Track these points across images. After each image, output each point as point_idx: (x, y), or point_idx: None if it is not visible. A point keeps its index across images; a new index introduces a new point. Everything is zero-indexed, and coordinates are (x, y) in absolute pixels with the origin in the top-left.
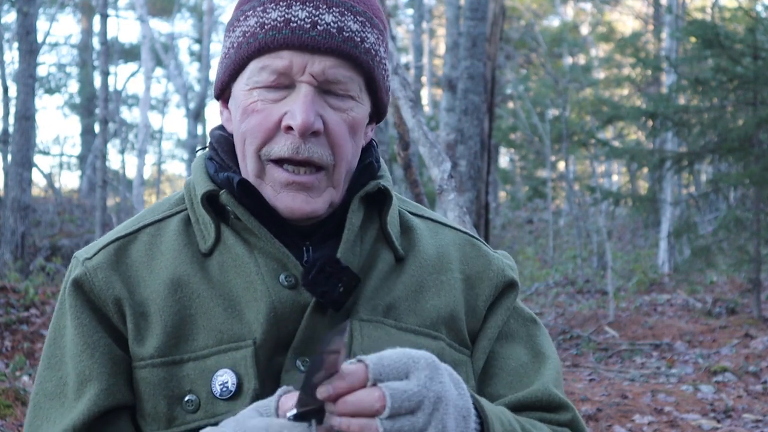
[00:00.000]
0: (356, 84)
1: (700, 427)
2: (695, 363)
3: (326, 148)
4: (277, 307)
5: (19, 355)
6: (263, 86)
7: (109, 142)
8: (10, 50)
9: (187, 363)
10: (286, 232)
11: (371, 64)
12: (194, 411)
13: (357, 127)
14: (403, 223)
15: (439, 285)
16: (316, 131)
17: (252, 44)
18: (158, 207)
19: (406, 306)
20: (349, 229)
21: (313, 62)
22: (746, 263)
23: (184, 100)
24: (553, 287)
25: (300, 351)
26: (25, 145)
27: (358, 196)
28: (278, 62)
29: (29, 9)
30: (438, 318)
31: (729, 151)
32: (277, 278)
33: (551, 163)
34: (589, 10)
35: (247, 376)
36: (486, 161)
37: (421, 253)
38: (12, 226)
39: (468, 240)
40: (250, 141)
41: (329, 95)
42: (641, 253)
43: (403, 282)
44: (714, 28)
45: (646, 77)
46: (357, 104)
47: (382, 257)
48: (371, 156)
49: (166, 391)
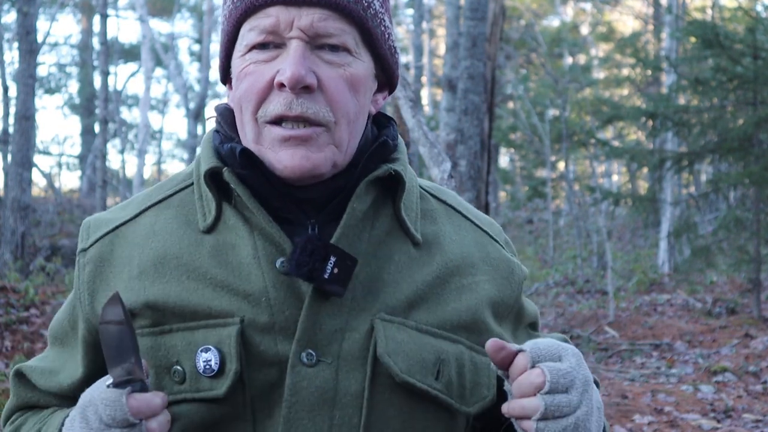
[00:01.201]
0: (350, 36)
1: (700, 427)
2: (695, 363)
3: (323, 104)
4: (270, 291)
5: (19, 355)
6: (253, 47)
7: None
8: (10, 50)
9: (175, 333)
10: (291, 209)
11: (363, 14)
12: (181, 382)
13: (357, 83)
14: (425, 209)
15: (461, 288)
16: (308, 86)
17: (239, 7)
18: (168, 183)
19: (426, 305)
20: (349, 214)
21: (300, 16)
22: (746, 263)
23: (184, 100)
24: (553, 287)
25: (304, 343)
26: (25, 145)
27: (366, 180)
28: (265, 21)
29: (29, 9)
30: (459, 323)
31: (729, 151)
32: (274, 263)
33: (551, 163)
34: (589, 10)
35: (230, 356)
36: (486, 161)
37: (445, 252)
38: (12, 226)
39: (489, 240)
40: (246, 105)
41: (322, 50)
42: (641, 253)
43: (424, 278)
44: (714, 28)
45: (646, 77)
46: (354, 59)
47: (398, 247)
48: (387, 134)
49: (155, 360)
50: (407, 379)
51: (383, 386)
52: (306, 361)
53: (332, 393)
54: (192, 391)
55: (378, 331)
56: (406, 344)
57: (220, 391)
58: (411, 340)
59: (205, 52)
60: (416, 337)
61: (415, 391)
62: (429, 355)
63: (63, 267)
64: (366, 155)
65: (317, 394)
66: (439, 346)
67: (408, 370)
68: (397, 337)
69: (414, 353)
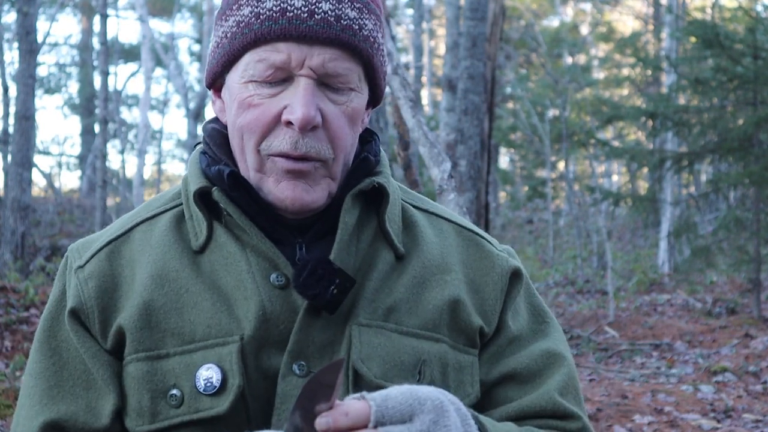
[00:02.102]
0: (356, 74)
1: (700, 427)
2: (695, 363)
3: (325, 142)
4: (266, 306)
5: (19, 355)
6: (260, 80)
7: (109, 142)
8: (10, 50)
9: (173, 357)
10: (278, 229)
11: (370, 51)
12: (178, 406)
13: (356, 117)
14: (406, 218)
15: (443, 284)
16: (315, 126)
17: (247, 35)
18: (154, 202)
19: (407, 307)
20: (342, 229)
21: (311, 55)
22: (746, 263)
23: (184, 100)
24: (553, 287)
25: (295, 355)
26: (25, 145)
27: (351, 194)
28: (276, 56)
29: (29, 9)
30: (440, 318)
31: (729, 151)
32: (268, 278)
33: (551, 163)
34: (588, 10)
35: (232, 372)
36: (486, 161)
37: (424, 252)
38: (12, 226)
39: (471, 239)
40: (248, 137)
41: (328, 89)
42: (641, 253)
43: (404, 282)
44: (714, 28)
45: (646, 77)
46: (356, 94)
47: (381, 257)
48: (369, 150)
49: (150, 385)
50: (382, 384)
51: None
52: (298, 372)
53: None
54: (191, 413)
55: (354, 337)
56: (382, 348)
57: (222, 408)
58: (389, 343)
59: (205, 52)
60: (396, 340)
61: None
62: (408, 357)
63: None
64: (348, 173)
65: None
66: (420, 347)
67: (383, 375)
68: (372, 342)
69: (391, 356)
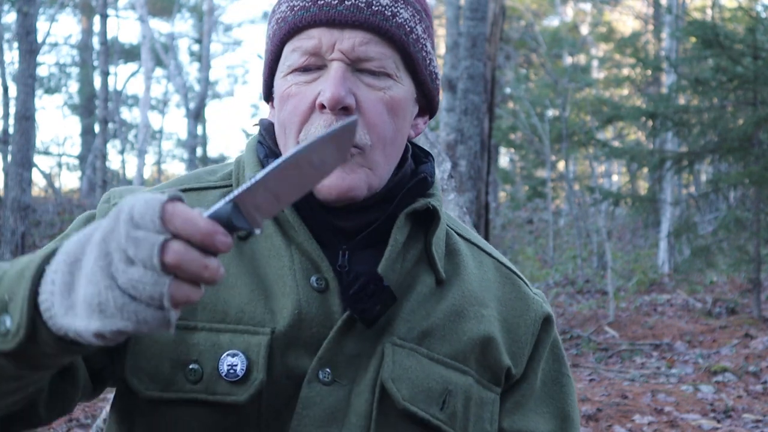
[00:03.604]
0: (391, 61)
1: (700, 427)
2: (695, 363)
3: (361, 126)
4: (303, 307)
5: None
6: (295, 69)
7: (109, 142)
8: (10, 50)
9: (200, 332)
10: (325, 232)
11: (405, 39)
12: (195, 382)
13: (397, 107)
14: (449, 245)
15: (479, 318)
16: (347, 107)
17: (283, 28)
18: (204, 175)
19: (441, 334)
20: (392, 246)
21: (342, 39)
22: (746, 263)
23: (184, 100)
24: (553, 287)
25: (324, 362)
26: (25, 145)
27: (404, 212)
28: (308, 42)
29: (29, 9)
30: (471, 351)
31: (729, 151)
32: (308, 279)
33: (551, 163)
34: (588, 10)
35: (258, 365)
36: (486, 161)
37: (465, 282)
38: (12, 226)
39: (508, 277)
40: (290, 128)
41: (363, 74)
42: (641, 253)
43: (442, 308)
44: (714, 28)
45: (646, 77)
46: (395, 83)
47: (422, 279)
48: (426, 170)
49: (173, 355)
50: (408, 407)
51: (389, 410)
52: (322, 378)
53: (342, 414)
54: (206, 393)
55: (386, 355)
56: (413, 371)
57: (240, 398)
58: (420, 368)
59: (205, 52)
60: (426, 365)
61: (417, 420)
62: (436, 384)
63: None
64: (405, 190)
65: (328, 411)
66: (448, 377)
67: (411, 398)
68: (404, 363)
69: (420, 381)
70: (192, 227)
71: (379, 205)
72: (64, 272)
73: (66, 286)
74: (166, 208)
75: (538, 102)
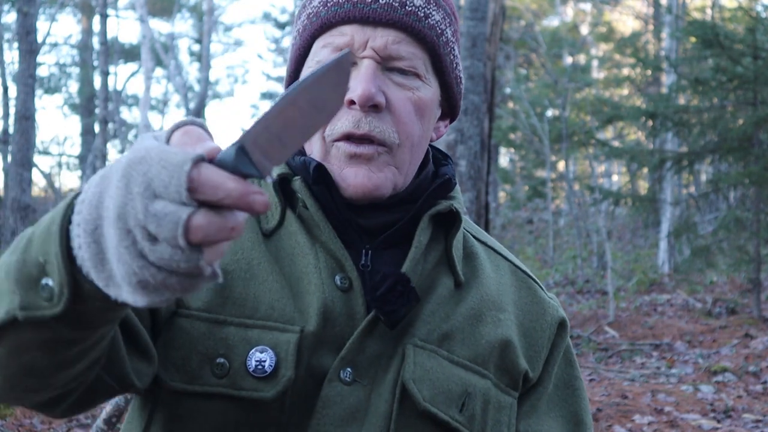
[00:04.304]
0: (421, 61)
1: (700, 427)
2: (695, 363)
3: (389, 125)
4: (327, 305)
5: None
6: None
7: (109, 142)
8: (10, 50)
9: (228, 326)
10: (348, 230)
11: (435, 41)
12: (221, 376)
13: (424, 108)
14: (467, 248)
15: (497, 322)
16: (377, 104)
17: (315, 23)
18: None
19: (461, 337)
20: (416, 247)
21: (374, 37)
22: (746, 263)
23: (184, 100)
24: (553, 287)
25: (346, 362)
26: (25, 145)
27: (428, 214)
28: (340, 39)
29: (29, 9)
30: (490, 355)
31: (729, 151)
32: (333, 277)
33: (551, 163)
34: (588, 10)
35: (286, 362)
36: (486, 161)
37: (483, 285)
38: (12, 226)
39: (524, 281)
40: None
41: (393, 73)
42: (641, 253)
43: (461, 311)
44: (714, 28)
45: (646, 77)
46: (423, 84)
47: (442, 281)
48: (447, 172)
49: (202, 348)
50: (429, 408)
51: (409, 411)
52: (344, 378)
53: (363, 414)
54: (231, 388)
55: (408, 356)
56: (434, 372)
57: (267, 394)
58: (440, 369)
59: (205, 52)
60: (447, 367)
61: (438, 421)
62: (456, 386)
63: None
64: (429, 191)
65: (348, 411)
66: (468, 380)
67: (432, 399)
68: (426, 365)
69: (441, 382)
70: (223, 192)
71: (402, 205)
72: (88, 243)
73: (95, 257)
74: (192, 177)
75: (538, 102)
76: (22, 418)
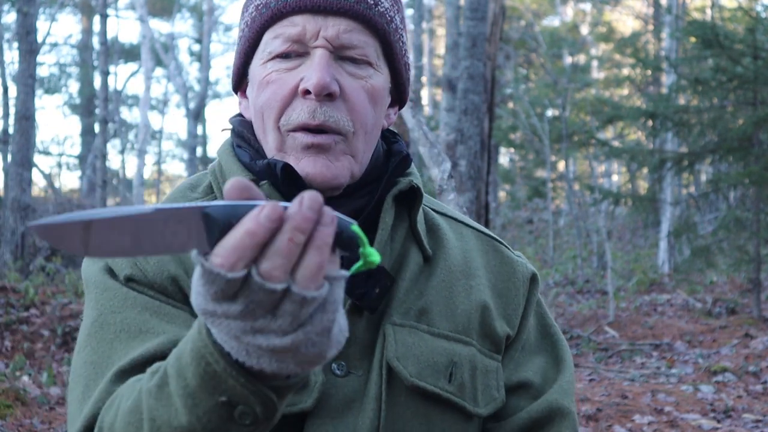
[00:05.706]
0: (372, 49)
1: (700, 427)
2: (695, 363)
3: (344, 113)
4: None
5: (19, 355)
6: (276, 56)
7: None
8: (10, 50)
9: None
10: None
11: (386, 28)
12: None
13: (377, 96)
14: (428, 221)
15: (469, 290)
16: (331, 93)
17: (264, 14)
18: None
19: (437, 310)
20: (383, 229)
21: (326, 26)
22: (746, 263)
23: (184, 100)
24: (553, 287)
25: (337, 354)
26: (25, 145)
27: (391, 194)
28: (291, 29)
29: (29, 9)
30: (469, 322)
31: (729, 151)
32: None
33: (551, 163)
34: (588, 10)
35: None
36: (486, 161)
37: (449, 256)
38: (12, 226)
39: (490, 244)
40: (268, 114)
41: (346, 62)
42: (641, 253)
43: (433, 285)
44: (714, 28)
45: (646, 77)
46: (375, 72)
47: (411, 257)
48: (400, 149)
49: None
50: (416, 383)
51: (398, 389)
52: (338, 372)
53: (359, 403)
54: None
55: (389, 336)
56: (416, 347)
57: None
58: (423, 343)
59: (205, 52)
60: (429, 340)
61: (428, 394)
62: (441, 357)
63: (63, 267)
64: (390, 171)
65: (344, 402)
66: (452, 349)
67: (418, 374)
68: (407, 341)
69: (425, 356)
70: (244, 243)
71: (362, 188)
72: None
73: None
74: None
75: (538, 102)
76: (22, 418)
